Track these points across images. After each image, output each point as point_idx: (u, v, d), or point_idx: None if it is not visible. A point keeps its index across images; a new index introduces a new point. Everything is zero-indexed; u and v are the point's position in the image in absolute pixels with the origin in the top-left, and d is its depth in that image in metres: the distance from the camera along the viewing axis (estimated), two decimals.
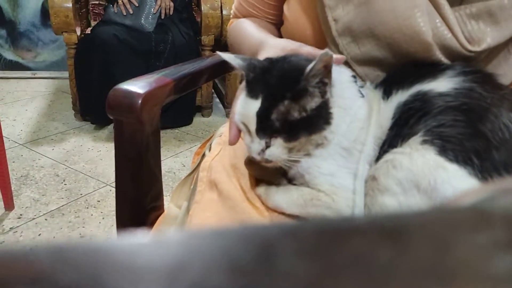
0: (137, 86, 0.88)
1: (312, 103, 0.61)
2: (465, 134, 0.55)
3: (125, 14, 2.52)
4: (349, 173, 0.64)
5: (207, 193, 0.78)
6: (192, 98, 2.66)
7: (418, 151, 0.56)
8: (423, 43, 0.65)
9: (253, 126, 0.62)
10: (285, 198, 0.68)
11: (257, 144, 0.62)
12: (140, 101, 0.84)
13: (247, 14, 0.98)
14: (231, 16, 1.04)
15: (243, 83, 0.69)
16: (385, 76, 0.70)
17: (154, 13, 2.54)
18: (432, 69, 0.64)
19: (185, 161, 2.24)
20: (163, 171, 2.16)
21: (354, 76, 0.69)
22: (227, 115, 2.81)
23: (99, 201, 1.86)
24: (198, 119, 2.77)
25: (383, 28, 0.67)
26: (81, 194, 1.90)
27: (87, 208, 1.81)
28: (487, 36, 0.66)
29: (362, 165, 0.63)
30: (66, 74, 2.63)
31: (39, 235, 1.64)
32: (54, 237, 1.63)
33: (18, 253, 0.17)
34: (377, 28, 0.67)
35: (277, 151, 0.62)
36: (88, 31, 2.58)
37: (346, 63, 0.73)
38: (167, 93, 0.95)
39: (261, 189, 0.72)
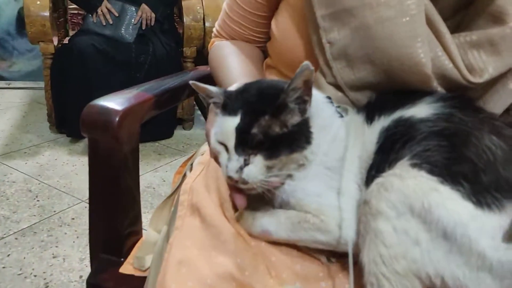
0: (114, 102, 0.82)
1: (292, 119, 0.59)
2: (451, 158, 0.54)
3: (104, 24, 2.45)
4: (335, 192, 0.61)
5: (188, 219, 0.72)
6: (173, 111, 2.61)
7: (408, 173, 0.53)
8: (421, 74, 0.62)
9: (231, 142, 0.59)
10: (272, 222, 0.64)
11: (235, 161, 0.58)
12: (117, 119, 0.79)
13: (232, 33, 0.93)
14: (213, 34, 0.99)
15: (211, 105, 0.66)
16: (367, 102, 0.68)
17: (135, 24, 2.48)
18: (412, 95, 0.63)
19: (165, 175, 2.17)
20: (142, 187, 2.10)
21: (329, 97, 0.67)
22: None
23: (73, 218, 1.78)
24: (179, 132, 2.71)
25: (381, 55, 0.63)
26: (54, 211, 1.81)
27: (61, 226, 1.72)
28: (489, 66, 0.63)
29: (345, 181, 0.60)
30: (42, 84, 2.54)
31: (8, 255, 1.55)
32: (24, 257, 1.54)
33: None
34: (375, 55, 0.64)
35: (256, 169, 0.58)
36: (66, 40, 2.51)
37: (339, 88, 0.70)
38: (147, 109, 0.90)
39: (246, 214, 0.67)
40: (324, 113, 0.64)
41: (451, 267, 0.51)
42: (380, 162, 0.58)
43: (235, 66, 0.85)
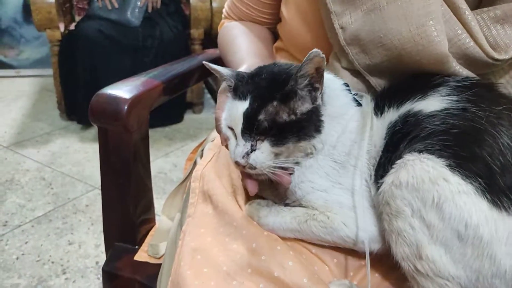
0: (122, 90, 0.81)
1: (302, 107, 0.57)
2: (460, 156, 0.51)
3: (110, 8, 2.43)
4: (342, 188, 0.60)
5: (200, 206, 0.72)
6: (182, 95, 2.59)
7: (414, 160, 0.52)
8: (437, 54, 0.59)
9: (239, 127, 0.58)
10: (278, 222, 0.63)
11: (242, 147, 0.58)
12: (126, 107, 0.78)
13: (241, 14, 0.91)
14: (223, 16, 0.97)
15: (223, 85, 0.66)
16: (384, 87, 0.66)
17: (141, 7, 2.45)
18: (425, 84, 0.60)
19: (176, 161, 2.17)
20: (153, 172, 2.08)
21: (346, 85, 0.65)
22: None
23: (87, 205, 1.79)
24: (189, 116, 2.70)
25: (393, 37, 0.61)
26: (68, 199, 1.83)
27: (75, 213, 1.74)
28: None
29: (358, 180, 0.59)
30: (50, 72, 2.54)
31: (26, 243, 1.57)
32: (41, 245, 1.56)
33: None
34: (387, 37, 0.61)
35: (262, 156, 0.57)
36: (72, 26, 2.49)
37: (355, 73, 0.68)
38: (156, 96, 0.89)
39: (252, 210, 0.67)
40: (338, 101, 0.62)
41: (467, 270, 0.50)
42: (386, 163, 0.57)
43: (244, 46, 0.83)
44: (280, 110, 0.57)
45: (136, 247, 0.83)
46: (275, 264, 0.57)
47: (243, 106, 0.58)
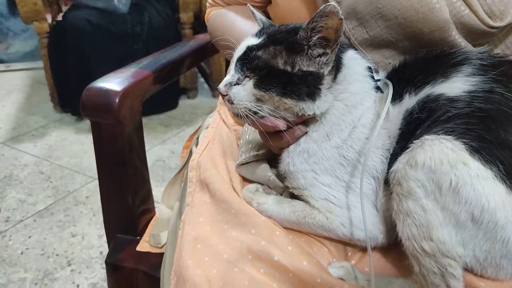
0: (113, 82, 0.81)
1: (303, 65, 0.56)
2: (484, 139, 0.49)
3: None
4: (347, 187, 0.59)
5: (198, 195, 0.72)
6: (175, 81, 2.57)
7: (433, 141, 0.50)
8: (438, 21, 0.58)
9: (237, 57, 0.59)
10: (277, 212, 0.64)
11: (230, 76, 0.59)
12: (117, 100, 0.77)
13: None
14: (207, 4, 0.95)
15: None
16: (395, 67, 0.62)
17: None
18: (446, 62, 0.56)
19: (173, 148, 2.17)
20: (151, 160, 2.12)
21: (370, 69, 0.61)
22: (214, 95, 2.72)
23: (87, 197, 1.80)
24: (183, 102, 2.68)
25: (392, 7, 0.60)
26: (68, 191, 1.84)
27: (76, 205, 1.75)
28: (511, 8, 0.59)
29: (365, 179, 0.58)
30: (41, 64, 2.51)
31: (29, 237, 1.58)
32: (45, 238, 1.57)
33: None
34: (386, 8, 0.60)
35: (243, 92, 0.57)
36: (60, 17, 2.45)
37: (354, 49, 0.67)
38: (148, 86, 0.89)
39: (250, 195, 0.67)
40: (356, 87, 0.59)
41: (476, 250, 0.50)
42: (399, 153, 0.54)
43: (247, 28, 0.81)
44: (279, 55, 0.56)
45: (138, 237, 0.84)
46: (275, 248, 0.58)
47: (253, 41, 0.59)
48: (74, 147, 2.18)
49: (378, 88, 0.60)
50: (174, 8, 2.54)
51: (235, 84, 0.58)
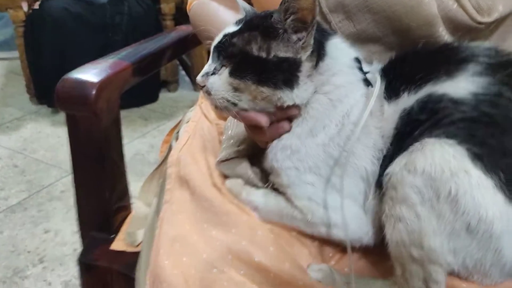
0: (90, 74, 0.78)
1: (279, 50, 0.54)
2: (488, 146, 0.47)
3: None
4: (332, 187, 0.57)
5: (177, 192, 0.70)
6: (156, 73, 2.52)
7: (434, 145, 0.48)
8: (426, 15, 0.57)
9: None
10: (263, 203, 0.62)
11: (207, 66, 0.57)
12: (94, 92, 0.74)
13: None
14: None
15: None
16: (392, 60, 0.59)
17: None
18: (449, 59, 0.53)
19: (153, 142, 2.13)
20: (130, 155, 2.07)
21: (358, 60, 0.59)
22: (195, 88, 2.69)
23: (62, 191, 1.74)
24: (164, 95, 2.63)
25: (380, 0, 0.58)
26: (43, 185, 1.78)
27: (50, 200, 1.69)
28: (499, 4, 0.59)
29: (347, 178, 0.55)
30: (17, 54, 2.43)
31: (1, 233, 1.52)
32: (16, 234, 1.52)
33: None
34: (374, 1, 0.59)
35: (219, 82, 0.55)
36: (37, 6, 2.37)
37: None
38: (126, 78, 0.86)
39: (236, 186, 0.65)
40: (339, 80, 0.56)
41: (466, 259, 0.49)
42: (394, 155, 0.52)
43: (231, 19, 0.79)
44: (253, 41, 0.54)
45: (113, 235, 0.81)
46: (256, 249, 0.56)
47: (232, 29, 0.57)
48: (50, 140, 2.12)
49: (367, 82, 0.57)
50: None
51: (212, 74, 0.56)
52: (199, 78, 0.57)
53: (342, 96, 0.56)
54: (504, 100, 0.49)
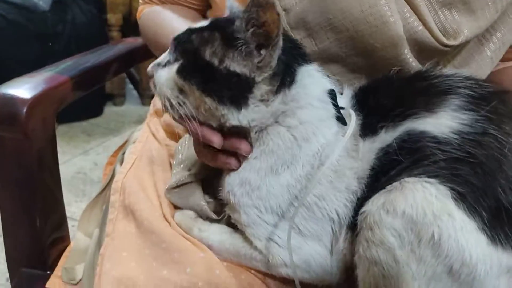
0: (21, 88, 0.69)
1: (233, 62, 0.48)
2: (471, 185, 0.45)
3: None
4: (295, 228, 0.52)
5: (121, 223, 0.63)
6: (101, 86, 2.41)
7: (415, 184, 0.45)
8: (392, 36, 0.56)
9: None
10: (217, 242, 0.57)
11: (163, 56, 0.53)
12: (25, 109, 0.66)
13: None
14: (140, 1, 0.86)
15: None
16: (364, 89, 0.55)
17: None
18: (428, 90, 0.51)
19: (97, 159, 2.01)
20: (71, 173, 1.94)
21: (332, 92, 0.54)
22: (144, 103, 2.59)
23: None
24: (109, 109, 2.52)
25: (344, 18, 0.56)
26: None
27: None
28: (464, 27, 0.59)
29: (311, 221, 0.51)
30: None
31: None
32: None
33: None
34: (337, 19, 0.56)
35: (166, 76, 0.51)
36: None
37: None
38: (64, 94, 0.78)
39: (188, 220, 0.59)
40: (306, 115, 0.51)
41: None
42: (369, 195, 0.48)
43: (183, 27, 0.74)
44: (210, 43, 0.49)
45: (48, 272, 0.72)
46: None
47: (199, 24, 0.53)
48: None
49: (341, 119, 0.52)
50: (101, 8, 2.41)
51: (163, 66, 0.52)
52: (150, 67, 0.52)
53: (309, 134, 0.51)
54: (490, 139, 0.46)
